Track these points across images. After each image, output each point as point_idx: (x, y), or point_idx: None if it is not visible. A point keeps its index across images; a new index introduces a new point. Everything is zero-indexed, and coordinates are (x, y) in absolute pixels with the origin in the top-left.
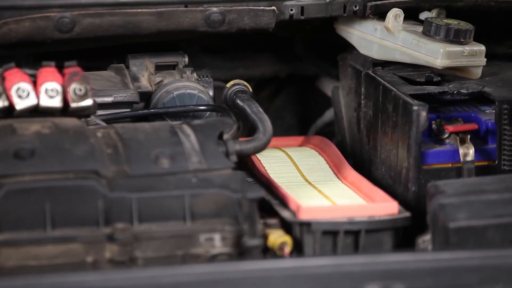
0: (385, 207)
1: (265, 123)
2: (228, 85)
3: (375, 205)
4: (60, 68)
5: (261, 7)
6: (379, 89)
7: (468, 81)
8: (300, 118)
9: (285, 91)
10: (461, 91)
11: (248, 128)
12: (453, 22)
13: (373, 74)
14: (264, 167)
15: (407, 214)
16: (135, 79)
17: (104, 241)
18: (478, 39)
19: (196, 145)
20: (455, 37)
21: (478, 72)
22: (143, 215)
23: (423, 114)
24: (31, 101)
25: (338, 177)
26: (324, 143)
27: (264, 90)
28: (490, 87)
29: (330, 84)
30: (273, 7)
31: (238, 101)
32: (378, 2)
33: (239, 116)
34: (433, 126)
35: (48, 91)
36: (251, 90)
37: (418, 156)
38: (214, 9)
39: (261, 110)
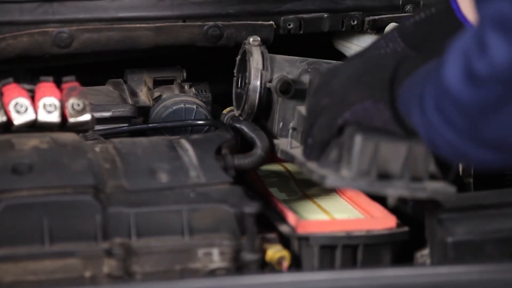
0: (383, 221)
1: (262, 139)
2: (224, 111)
3: (373, 219)
4: (58, 83)
5: (259, 22)
6: None
7: None
8: None
9: None
10: None
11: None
12: None
13: None
14: (262, 182)
15: (405, 228)
16: (133, 93)
17: (102, 256)
18: None
19: (194, 160)
20: None
21: None
22: (141, 230)
23: None
24: (29, 116)
25: (336, 192)
26: None
27: None
28: None
29: None
30: (271, 22)
31: (235, 124)
32: (376, 17)
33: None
34: None
35: (46, 106)
36: None
37: None
38: (212, 24)
39: (258, 128)
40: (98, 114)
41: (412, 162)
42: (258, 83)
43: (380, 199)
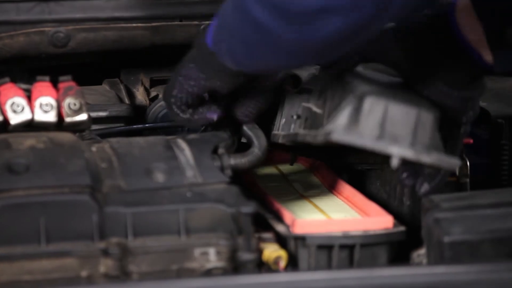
0: (380, 221)
1: (260, 138)
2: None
3: (370, 219)
4: (55, 83)
5: None
6: None
7: None
8: None
9: None
10: None
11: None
12: None
13: None
14: (258, 181)
15: (401, 228)
16: (130, 93)
17: (99, 255)
18: None
19: (191, 160)
20: None
21: None
22: (138, 229)
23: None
24: (25, 116)
25: (332, 192)
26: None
27: None
28: (485, 101)
29: None
30: None
31: None
32: None
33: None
34: None
35: (43, 106)
36: None
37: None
38: (209, 23)
39: (256, 125)
40: (94, 114)
41: (420, 129)
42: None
43: (377, 200)
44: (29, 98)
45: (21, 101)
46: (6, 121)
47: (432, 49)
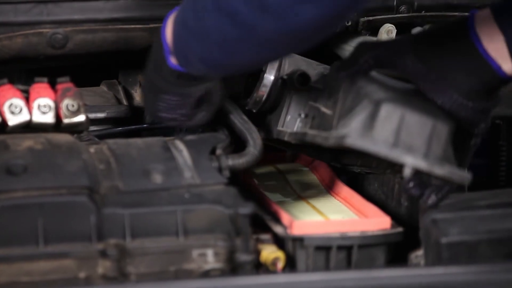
0: (378, 222)
1: (254, 136)
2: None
3: (367, 220)
4: (53, 84)
5: None
6: None
7: None
8: None
9: None
10: None
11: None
12: None
13: None
14: (256, 183)
15: (399, 229)
16: (128, 94)
17: (97, 257)
18: None
19: (189, 161)
20: None
21: None
22: (136, 230)
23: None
24: (23, 117)
25: (330, 193)
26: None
27: None
28: None
29: None
30: None
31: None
32: (371, 18)
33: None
34: None
35: (41, 107)
36: None
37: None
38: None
39: (249, 122)
40: (92, 115)
41: (435, 140)
42: (274, 73)
43: (375, 201)
44: (27, 99)
45: (19, 102)
46: (4, 122)
47: (450, 58)
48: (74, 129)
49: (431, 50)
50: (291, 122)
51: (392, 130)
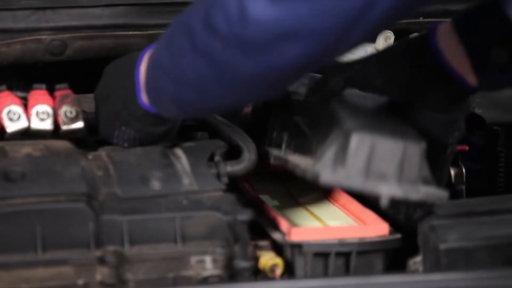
0: (376, 228)
1: (247, 142)
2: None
3: (366, 226)
4: (51, 91)
5: None
6: None
7: None
8: None
9: None
10: None
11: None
12: None
13: None
14: (254, 189)
15: (397, 235)
16: None
17: (95, 263)
18: None
19: (187, 167)
20: None
21: None
22: (134, 237)
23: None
24: (22, 124)
25: (329, 199)
26: None
27: None
28: (480, 108)
29: None
30: None
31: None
32: None
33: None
34: None
35: (39, 114)
36: None
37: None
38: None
39: (240, 130)
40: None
41: (407, 163)
42: None
43: (373, 206)
44: (26, 106)
45: (17, 109)
46: (2, 129)
47: (415, 75)
48: (72, 135)
49: (397, 68)
50: (278, 138)
51: (364, 161)
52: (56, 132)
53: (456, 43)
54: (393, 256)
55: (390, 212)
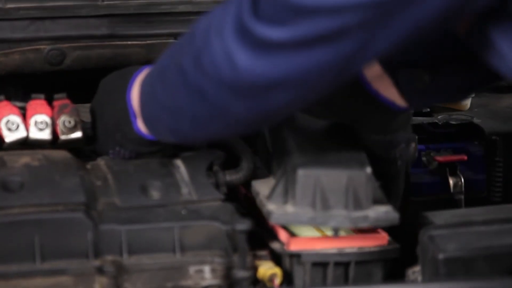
0: (375, 238)
1: (245, 151)
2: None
3: (364, 236)
4: (50, 101)
5: None
6: None
7: (457, 113)
8: None
9: None
10: (450, 122)
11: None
12: None
13: None
14: (253, 198)
15: (396, 245)
16: None
17: (94, 273)
18: None
19: (186, 177)
20: None
21: (467, 103)
22: (133, 247)
23: (413, 145)
24: (20, 134)
25: None
26: None
27: None
28: (479, 118)
29: None
30: None
31: None
32: None
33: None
34: (422, 157)
35: (38, 124)
36: None
37: (408, 187)
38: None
39: (238, 139)
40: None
41: (354, 191)
42: None
43: None
44: (24, 116)
45: (16, 119)
46: (1, 139)
47: (348, 103)
48: (71, 145)
49: (331, 97)
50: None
51: (311, 195)
52: (54, 142)
53: (381, 72)
54: (392, 265)
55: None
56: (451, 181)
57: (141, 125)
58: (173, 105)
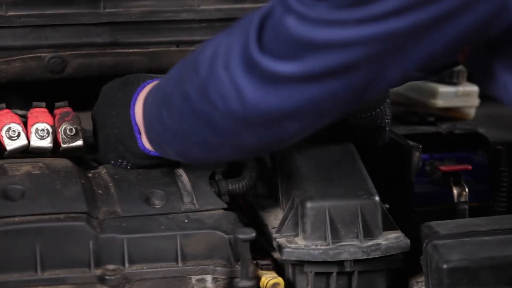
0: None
1: (248, 160)
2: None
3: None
4: (51, 109)
5: None
6: None
7: (461, 122)
8: None
9: None
10: (454, 131)
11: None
12: None
13: None
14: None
15: (400, 255)
16: None
17: (95, 282)
18: (471, 79)
19: (188, 186)
20: (448, 78)
21: (471, 112)
22: (134, 256)
23: (417, 154)
24: (21, 142)
25: None
26: None
27: None
28: (483, 127)
29: None
30: None
31: None
32: None
33: None
34: (426, 166)
35: (39, 132)
36: None
37: (412, 197)
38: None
39: None
40: (91, 140)
41: (363, 220)
42: None
43: None
44: (25, 124)
45: (17, 127)
46: (2, 147)
47: None
48: (72, 153)
49: None
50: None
51: (322, 228)
52: (56, 150)
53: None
54: (396, 275)
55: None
56: (455, 191)
57: (145, 142)
58: (180, 130)
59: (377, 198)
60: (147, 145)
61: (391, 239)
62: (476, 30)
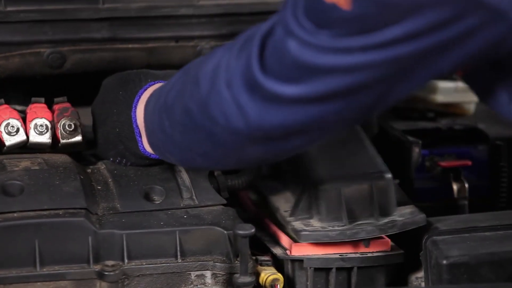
0: (378, 243)
1: None
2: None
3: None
4: (50, 104)
5: None
6: None
7: (461, 117)
8: None
9: None
10: (454, 127)
11: None
12: None
13: None
14: (255, 203)
15: (400, 251)
16: None
17: (94, 278)
18: None
19: (187, 181)
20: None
21: (471, 108)
22: (134, 252)
23: (416, 150)
24: (20, 138)
25: None
26: None
27: None
28: (483, 123)
29: None
30: None
31: None
32: None
33: None
34: (426, 162)
35: (38, 127)
36: None
37: (411, 192)
38: (205, 44)
39: None
40: (90, 136)
41: (377, 198)
42: None
43: None
44: (24, 120)
45: (16, 122)
46: (1, 142)
47: None
48: (71, 149)
49: None
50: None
51: (337, 209)
52: (55, 146)
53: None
54: (395, 271)
55: None
56: (455, 187)
57: (146, 146)
58: (182, 141)
59: (389, 175)
60: (148, 148)
61: (406, 215)
62: (484, 52)
